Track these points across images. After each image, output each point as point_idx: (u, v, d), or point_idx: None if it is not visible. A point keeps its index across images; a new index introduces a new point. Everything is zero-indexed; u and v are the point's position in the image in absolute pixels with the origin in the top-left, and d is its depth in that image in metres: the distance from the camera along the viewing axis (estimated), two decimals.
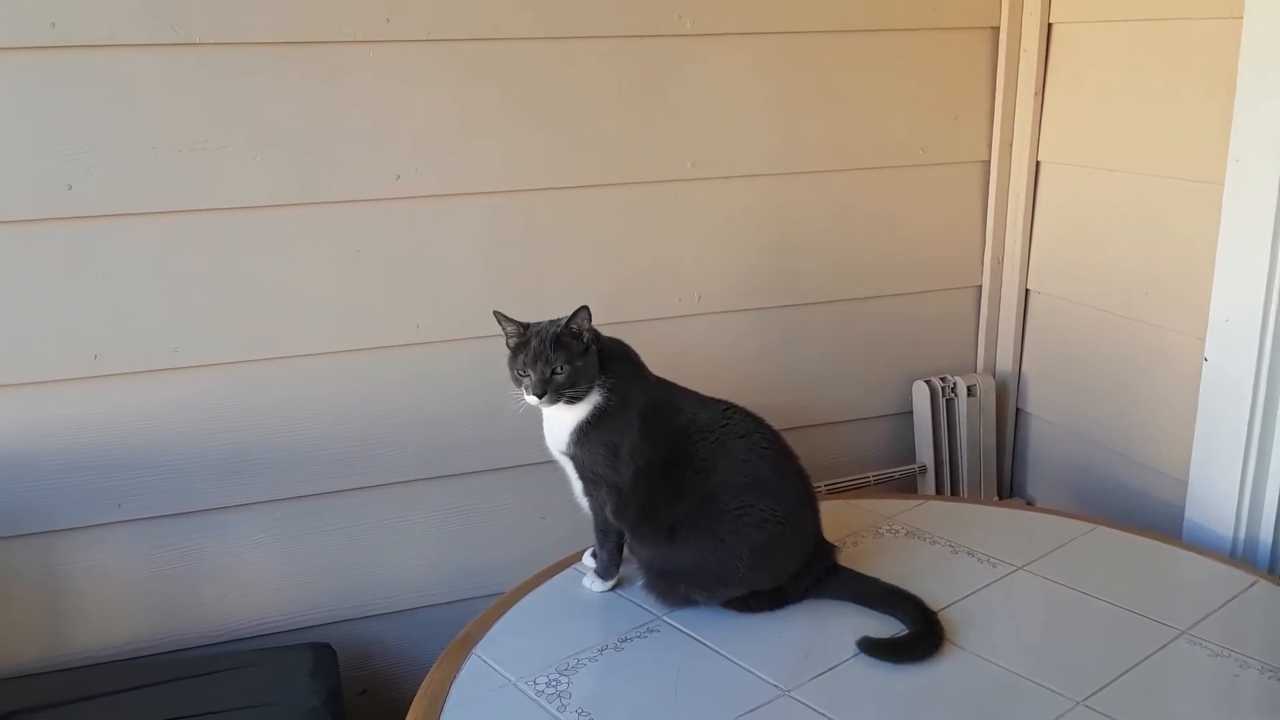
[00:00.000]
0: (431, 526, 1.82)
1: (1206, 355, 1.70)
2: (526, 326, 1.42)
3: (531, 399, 1.40)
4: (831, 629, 1.42)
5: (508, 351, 1.43)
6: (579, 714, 1.26)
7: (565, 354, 1.39)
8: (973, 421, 2.14)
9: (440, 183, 1.71)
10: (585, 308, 1.41)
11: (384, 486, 1.77)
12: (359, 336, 1.71)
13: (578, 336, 1.41)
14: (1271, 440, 1.65)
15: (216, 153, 1.57)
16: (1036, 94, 2.03)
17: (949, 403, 2.13)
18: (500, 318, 1.42)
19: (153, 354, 1.60)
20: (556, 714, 1.27)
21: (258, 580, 1.71)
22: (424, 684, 1.34)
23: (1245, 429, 1.66)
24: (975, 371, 2.19)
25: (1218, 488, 1.71)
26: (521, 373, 1.40)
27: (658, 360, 1.54)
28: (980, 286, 2.16)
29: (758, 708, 1.27)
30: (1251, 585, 1.52)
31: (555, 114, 1.76)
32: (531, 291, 1.80)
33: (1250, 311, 1.63)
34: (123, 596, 1.65)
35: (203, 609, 1.69)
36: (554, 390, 1.39)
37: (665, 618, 1.47)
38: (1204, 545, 1.70)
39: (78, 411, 1.58)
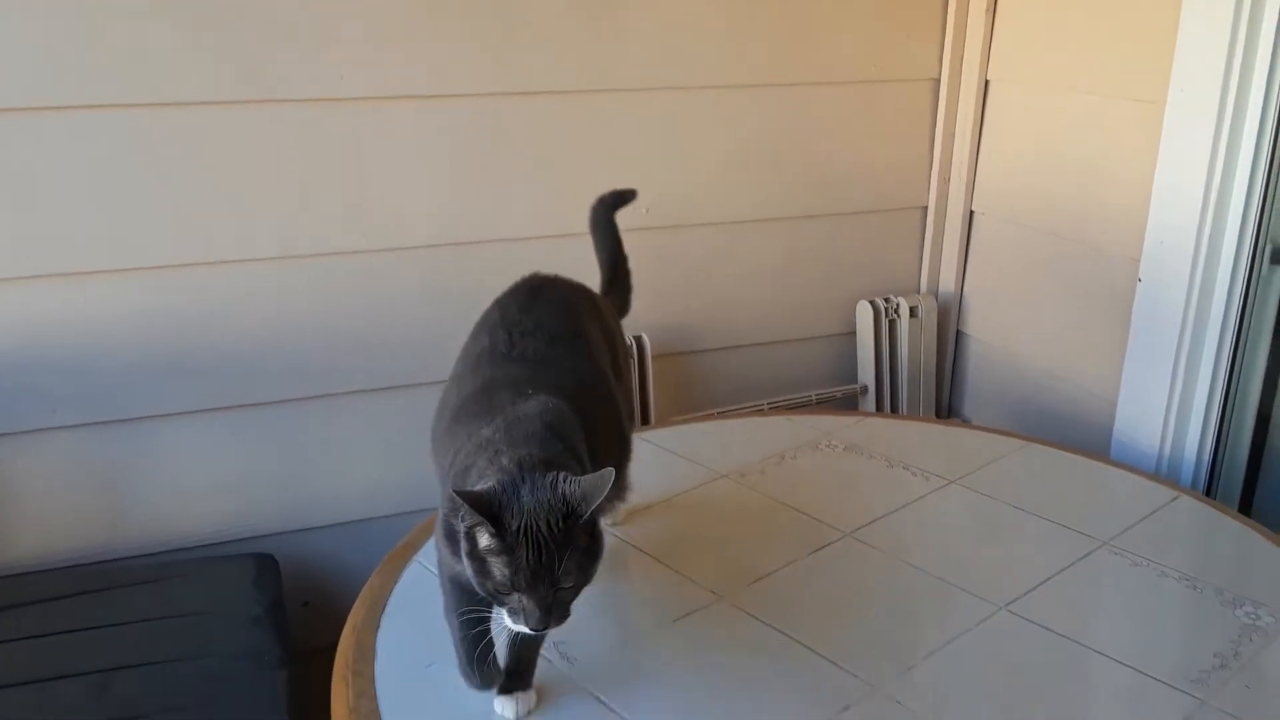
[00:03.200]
0: (376, 439, 1.81)
1: (1140, 276, 1.74)
2: (500, 504, 0.93)
3: (519, 628, 0.96)
4: (775, 544, 1.45)
5: (461, 534, 0.97)
6: None
7: (576, 552, 0.95)
8: (914, 343, 2.17)
9: (387, 85, 1.67)
10: (611, 471, 0.95)
11: (327, 397, 1.76)
12: (301, 242, 1.68)
13: (583, 514, 0.95)
14: (1199, 361, 1.70)
15: (157, 46, 1.52)
16: (988, 10, 2.03)
17: (891, 323, 2.16)
18: (463, 499, 0.92)
19: (87, 255, 1.56)
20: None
21: (198, 490, 1.71)
22: (364, 590, 1.35)
23: (1174, 350, 1.70)
24: (918, 293, 2.21)
25: (1145, 407, 1.76)
26: (503, 587, 0.94)
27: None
28: (926, 207, 2.18)
29: (696, 611, 1.30)
30: (1173, 500, 1.57)
31: (503, 21, 1.72)
32: (481, 201, 1.78)
33: (1184, 234, 1.66)
34: (60, 505, 1.64)
35: (142, 518, 1.68)
36: (560, 613, 0.96)
37: (611, 529, 1.49)
38: (1130, 462, 1.75)
39: (7, 313, 1.54)
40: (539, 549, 0.93)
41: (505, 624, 0.97)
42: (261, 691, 1.34)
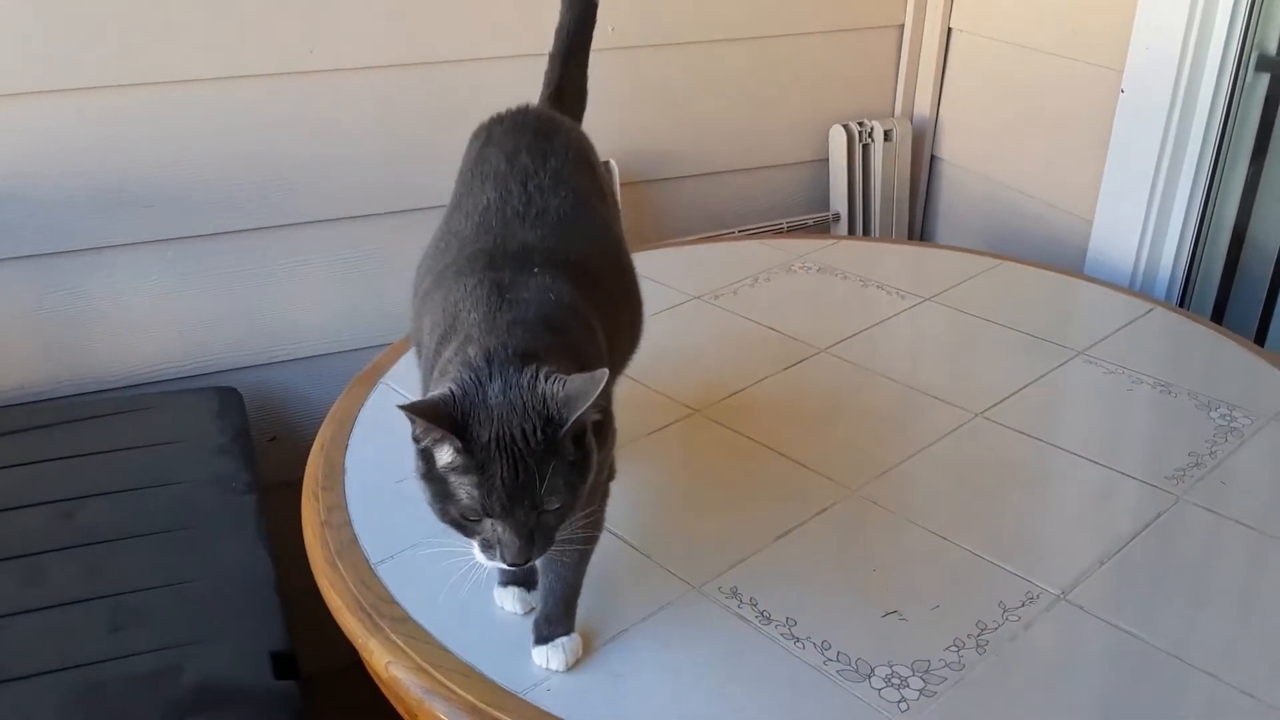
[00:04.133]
0: (336, 271, 1.76)
1: (1123, 87, 1.69)
2: (462, 410, 0.77)
3: (493, 564, 0.82)
4: (748, 361, 1.43)
5: (416, 454, 0.82)
6: None
7: (561, 467, 0.78)
8: (888, 168, 2.12)
9: None
10: (604, 372, 0.78)
11: (283, 228, 1.69)
12: (248, 61, 1.58)
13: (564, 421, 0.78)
14: (1179, 173, 1.67)
15: None
16: None
17: (865, 148, 2.10)
18: (413, 413, 0.77)
19: (19, 74, 1.47)
20: None
21: (153, 323, 1.65)
22: (331, 411, 1.32)
23: (1154, 162, 1.66)
24: (893, 116, 2.15)
25: (1122, 222, 1.73)
26: (472, 514, 0.79)
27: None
28: (903, 26, 2.09)
29: (671, 424, 1.28)
30: (1148, 312, 1.56)
31: None
32: (440, 19, 1.68)
33: (1170, 41, 1.60)
34: (11, 340, 1.58)
35: (97, 352, 1.63)
36: (544, 541, 0.80)
37: None
38: (1105, 278, 1.73)
39: None
40: (515, 464, 0.76)
41: (476, 559, 0.82)
42: (231, 514, 1.32)
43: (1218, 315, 1.73)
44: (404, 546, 1.08)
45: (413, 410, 0.76)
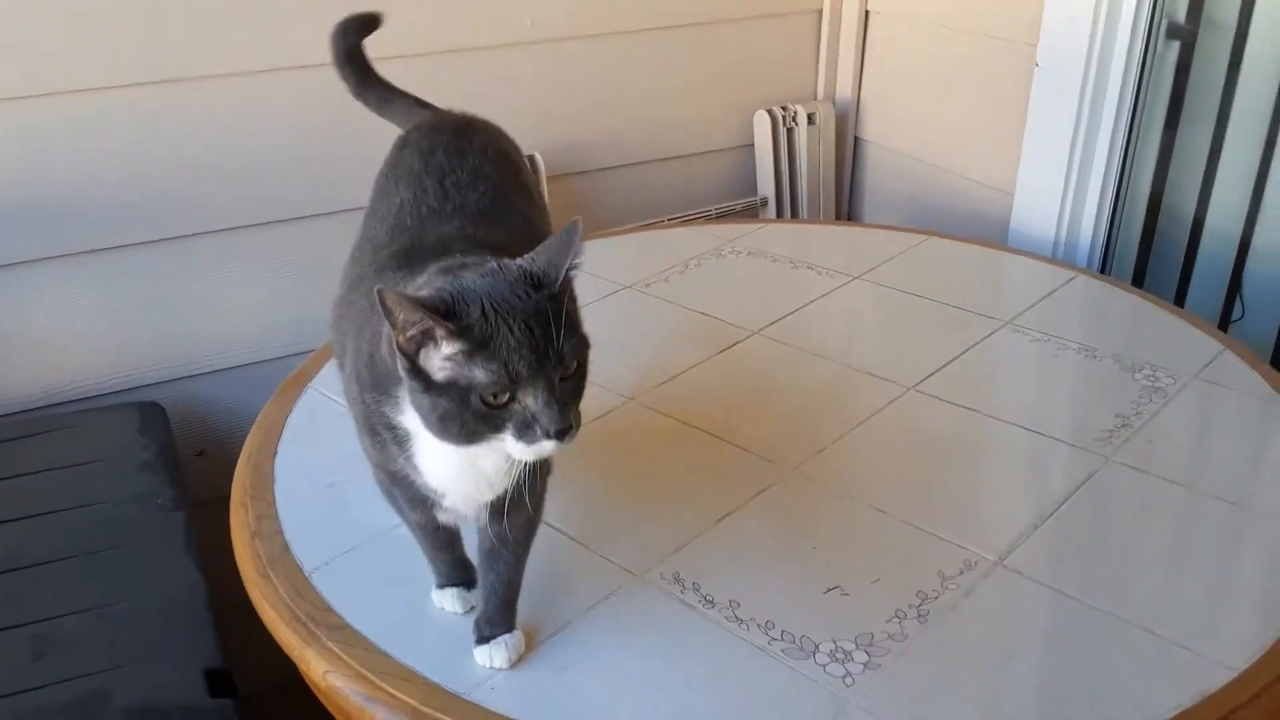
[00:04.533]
0: (262, 277, 1.71)
1: (1038, 60, 1.71)
2: (452, 295, 0.72)
3: (545, 445, 0.74)
4: (682, 348, 1.43)
5: (403, 370, 0.74)
6: None
7: (565, 325, 0.74)
8: (813, 151, 2.13)
9: None
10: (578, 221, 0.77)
11: (204, 235, 1.64)
12: (157, 67, 1.53)
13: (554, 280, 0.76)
14: (1095, 143, 1.69)
15: None
16: None
17: (789, 132, 2.10)
18: (400, 301, 0.70)
19: None
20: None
21: (69, 339, 1.59)
22: (258, 419, 1.29)
23: (1071, 133, 1.68)
24: (815, 99, 2.16)
25: (1042, 194, 1.75)
26: (496, 390, 0.72)
27: (489, 95, 1.44)
28: (821, 10, 2.10)
29: (608, 413, 1.27)
30: (1070, 280, 1.58)
31: None
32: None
33: (1081, 13, 1.63)
34: None
35: (14, 372, 1.57)
36: (575, 413, 0.76)
37: None
38: (1028, 248, 1.75)
39: None
40: (524, 324, 0.71)
41: (516, 456, 0.74)
42: (157, 532, 1.28)
43: (1138, 280, 1.77)
44: (338, 552, 1.05)
45: (400, 298, 0.69)
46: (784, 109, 2.09)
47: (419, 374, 0.73)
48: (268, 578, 1.02)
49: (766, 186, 2.13)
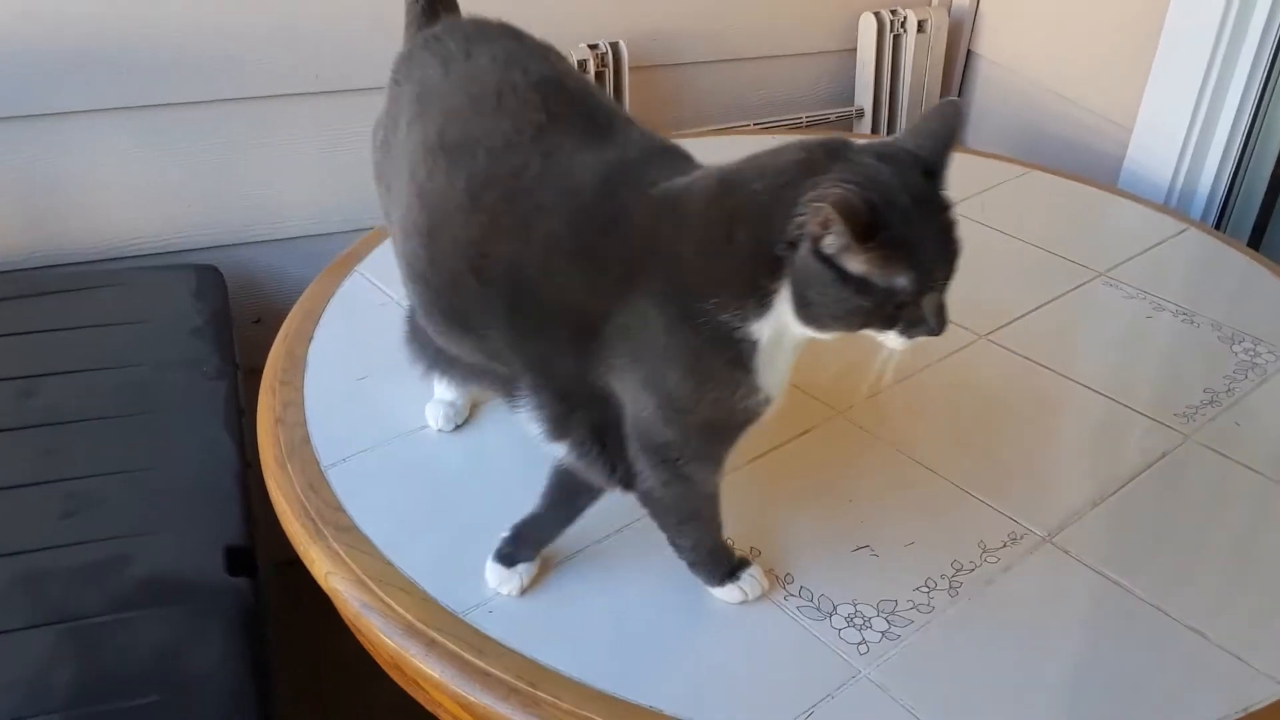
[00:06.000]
0: (322, 148, 1.67)
1: None
2: (879, 199, 0.66)
3: (921, 340, 0.73)
4: None
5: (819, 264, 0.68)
6: None
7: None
8: (919, 61, 1.98)
9: None
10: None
11: (263, 100, 1.59)
12: None
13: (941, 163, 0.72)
14: (1228, 84, 1.54)
15: None
16: None
17: (896, 39, 1.96)
18: (839, 200, 0.64)
19: None
20: None
21: (132, 195, 1.58)
22: (300, 300, 1.26)
23: (1204, 70, 1.53)
24: (929, 4, 2.00)
25: (1163, 131, 1.61)
26: (918, 289, 0.69)
27: None
28: None
29: None
30: (1181, 233, 1.45)
31: None
32: None
33: None
34: None
35: (73, 224, 1.56)
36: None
37: None
38: (1139, 193, 1.62)
39: None
40: (937, 227, 0.70)
41: (890, 346, 0.73)
42: (199, 400, 1.28)
43: (1255, 241, 1.62)
44: (357, 450, 1.02)
45: (836, 209, 0.64)
46: (893, 13, 1.95)
47: (830, 263, 0.68)
48: (284, 468, 1.00)
49: (865, 97, 2.00)
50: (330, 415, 1.06)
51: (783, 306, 0.71)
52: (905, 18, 1.94)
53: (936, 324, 0.72)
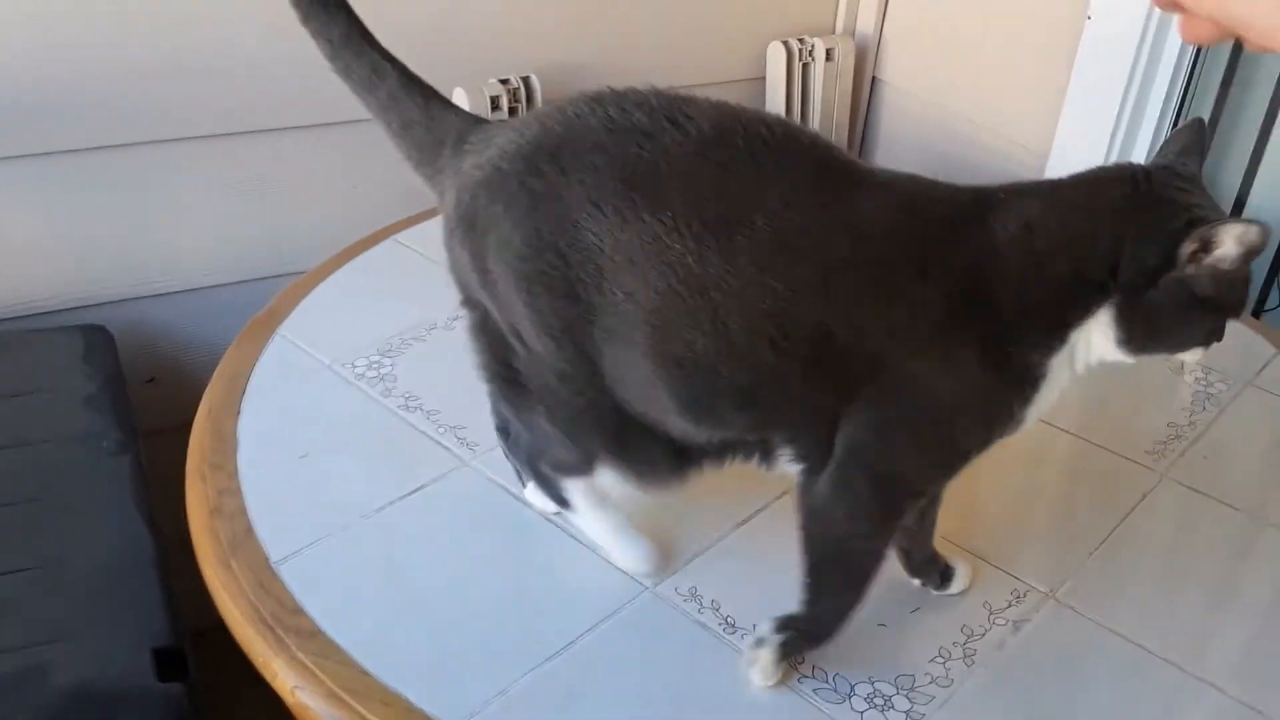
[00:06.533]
0: (222, 193, 1.55)
1: (1089, 13, 1.57)
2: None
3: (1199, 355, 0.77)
4: None
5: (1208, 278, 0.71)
6: (406, 399, 1.11)
7: None
8: (828, 89, 1.98)
9: None
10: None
11: (162, 144, 1.47)
12: None
13: None
14: (1143, 112, 1.57)
15: None
16: None
17: (804, 67, 1.95)
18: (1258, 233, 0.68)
19: None
20: (380, 399, 1.11)
21: (9, 250, 1.43)
22: (220, 366, 1.15)
23: (1120, 97, 1.56)
24: (834, 33, 2.00)
25: (1080, 160, 1.62)
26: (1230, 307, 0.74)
27: (478, 9, 1.27)
28: None
29: None
30: None
31: None
32: None
33: None
34: None
35: None
36: None
37: None
38: None
39: None
40: None
41: (1186, 360, 0.78)
42: (104, 479, 1.15)
43: None
44: (310, 540, 0.93)
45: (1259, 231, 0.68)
46: (800, 41, 1.94)
47: (1185, 288, 0.71)
48: (229, 567, 0.90)
49: None
50: (274, 502, 0.96)
51: (1079, 339, 0.74)
52: (813, 46, 1.93)
53: (1222, 334, 0.75)
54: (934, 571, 0.91)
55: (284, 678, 0.81)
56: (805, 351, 0.74)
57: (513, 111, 1.69)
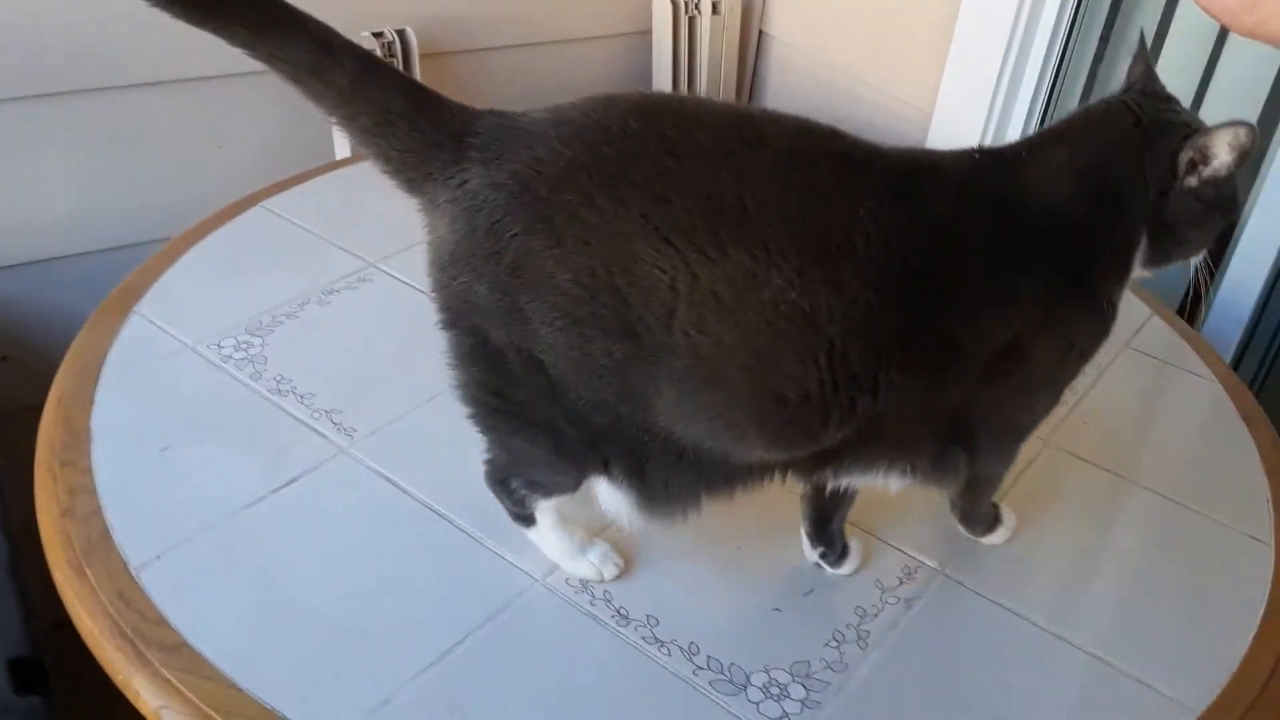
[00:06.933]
0: (75, 155, 1.44)
1: None
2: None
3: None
4: None
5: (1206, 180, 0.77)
6: (278, 382, 1.05)
7: None
8: (715, 43, 1.94)
9: None
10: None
11: (7, 102, 1.35)
12: None
13: None
14: (1024, 69, 1.58)
15: None
16: None
17: (691, 21, 1.91)
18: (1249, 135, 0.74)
19: None
20: (249, 382, 1.04)
21: None
22: (71, 350, 1.06)
23: (1001, 55, 1.56)
24: None
25: (962, 118, 1.63)
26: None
27: None
28: None
29: None
30: None
31: None
32: None
33: None
34: None
35: None
36: None
37: (378, 264, 1.24)
38: None
39: None
40: None
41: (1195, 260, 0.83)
42: None
43: None
44: (174, 542, 0.87)
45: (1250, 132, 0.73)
46: None
47: (1195, 194, 0.77)
48: (83, 574, 0.83)
49: (663, 79, 1.94)
50: (132, 501, 0.90)
51: (1135, 265, 0.80)
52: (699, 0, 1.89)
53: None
54: (838, 543, 0.90)
55: (147, 697, 0.75)
56: (933, 364, 0.74)
57: None
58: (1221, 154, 0.75)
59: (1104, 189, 0.77)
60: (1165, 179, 0.76)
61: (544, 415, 0.75)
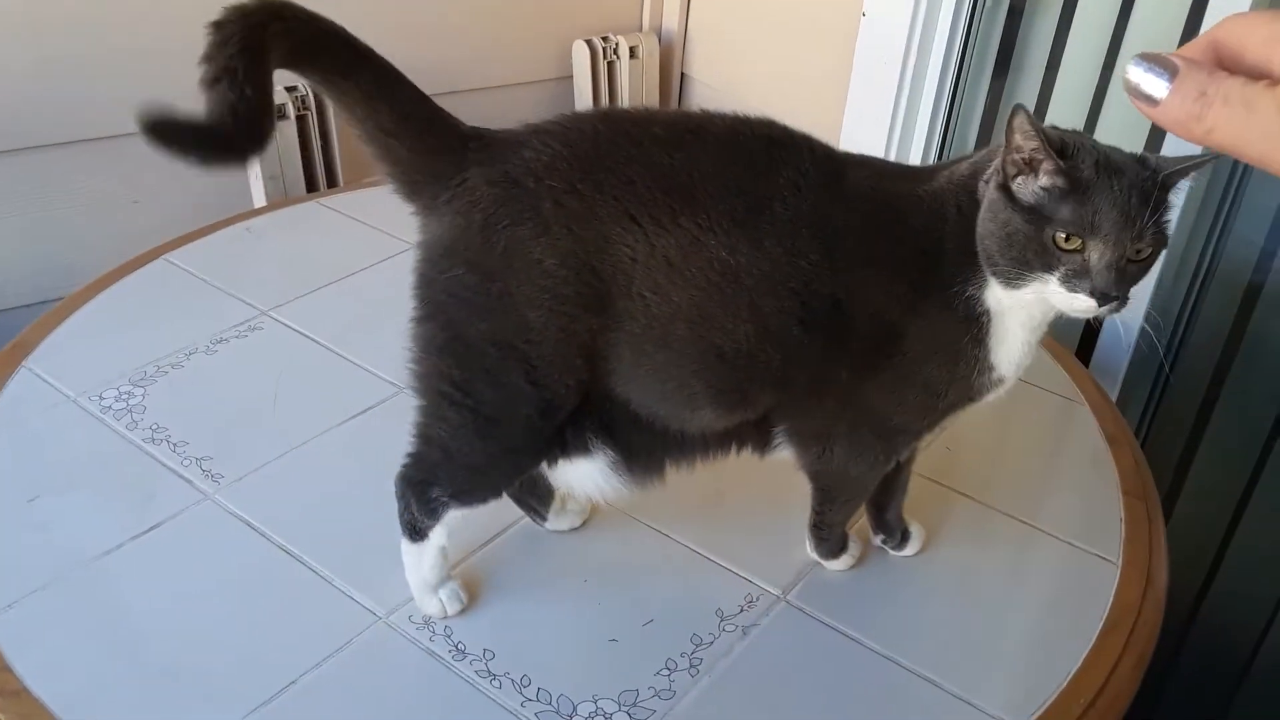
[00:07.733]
0: None
1: (865, 10, 1.60)
2: (1065, 141, 0.73)
3: (1082, 302, 0.75)
4: None
5: (994, 185, 0.76)
6: (153, 431, 1.08)
7: (1157, 216, 0.74)
8: (635, 85, 1.99)
9: None
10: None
11: None
12: None
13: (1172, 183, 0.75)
14: (920, 96, 1.62)
15: None
16: None
17: (610, 65, 1.96)
18: (1024, 122, 0.72)
19: None
20: (125, 431, 1.07)
21: None
22: None
23: (895, 86, 1.60)
24: (640, 31, 2.01)
25: (865, 145, 1.66)
26: (1076, 229, 0.73)
27: None
28: None
29: (372, 407, 1.13)
30: None
31: None
32: None
33: None
34: None
35: None
36: (1126, 289, 0.75)
37: (271, 313, 1.28)
38: None
39: None
40: (1126, 188, 0.73)
41: (1053, 302, 0.77)
42: None
43: None
44: (29, 590, 0.89)
45: (1026, 119, 0.72)
46: (605, 40, 1.94)
47: (1007, 193, 0.76)
48: None
49: None
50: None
51: (983, 266, 0.79)
52: (617, 44, 1.94)
53: (1102, 283, 0.73)
54: (897, 530, 1.00)
55: None
56: (824, 324, 0.79)
57: (300, 120, 1.65)
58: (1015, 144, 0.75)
59: (959, 192, 0.80)
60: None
61: (503, 411, 0.81)
